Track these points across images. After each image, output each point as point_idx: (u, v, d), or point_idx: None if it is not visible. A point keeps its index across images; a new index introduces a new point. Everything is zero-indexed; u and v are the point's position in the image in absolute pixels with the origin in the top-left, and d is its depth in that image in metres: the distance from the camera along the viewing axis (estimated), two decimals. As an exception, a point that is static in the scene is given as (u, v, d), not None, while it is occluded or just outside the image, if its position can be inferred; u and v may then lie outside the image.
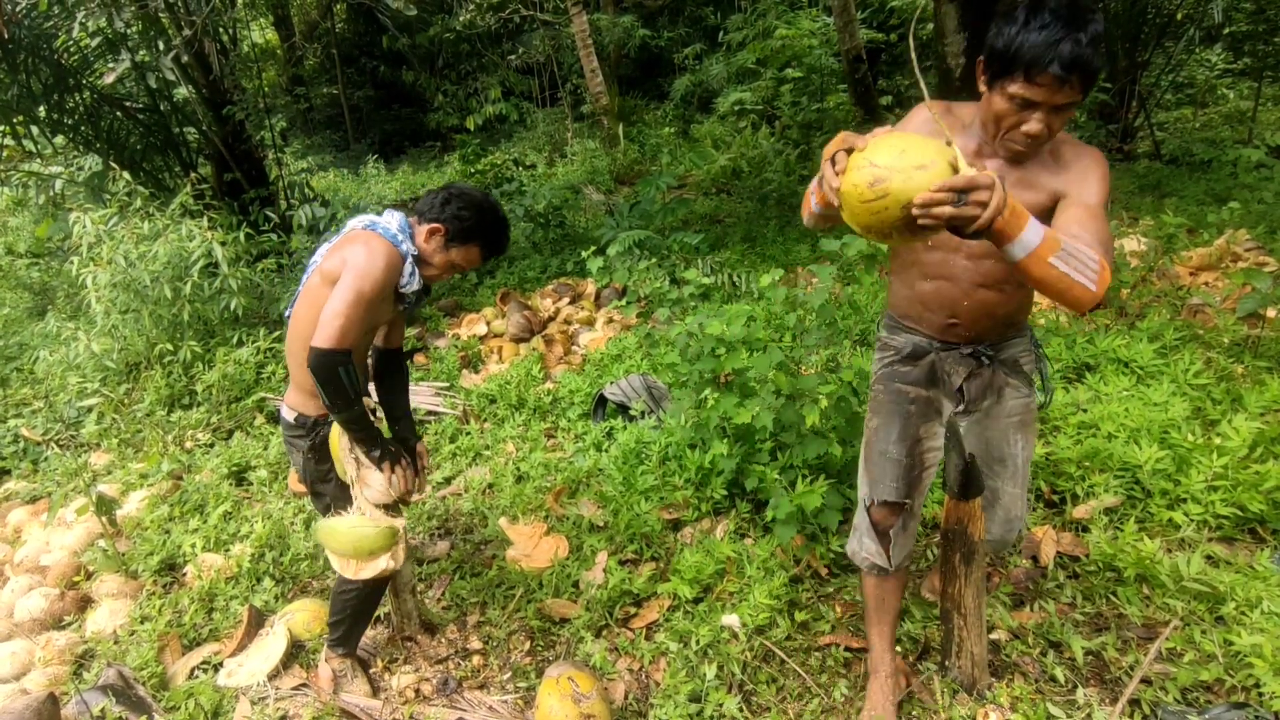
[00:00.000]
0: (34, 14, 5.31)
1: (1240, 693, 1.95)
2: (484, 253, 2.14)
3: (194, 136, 6.87)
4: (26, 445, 4.54)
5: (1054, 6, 1.45)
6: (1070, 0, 1.45)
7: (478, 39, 12.22)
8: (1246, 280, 3.43)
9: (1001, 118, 1.55)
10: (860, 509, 1.97)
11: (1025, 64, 1.45)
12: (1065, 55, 1.42)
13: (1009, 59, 1.48)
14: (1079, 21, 1.44)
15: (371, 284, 1.93)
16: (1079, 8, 1.45)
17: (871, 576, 1.98)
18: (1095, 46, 1.44)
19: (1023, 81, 1.47)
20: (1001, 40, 1.49)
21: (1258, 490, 2.50)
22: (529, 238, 7.23)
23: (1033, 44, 1.44)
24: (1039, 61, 1.44)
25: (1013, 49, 1.47)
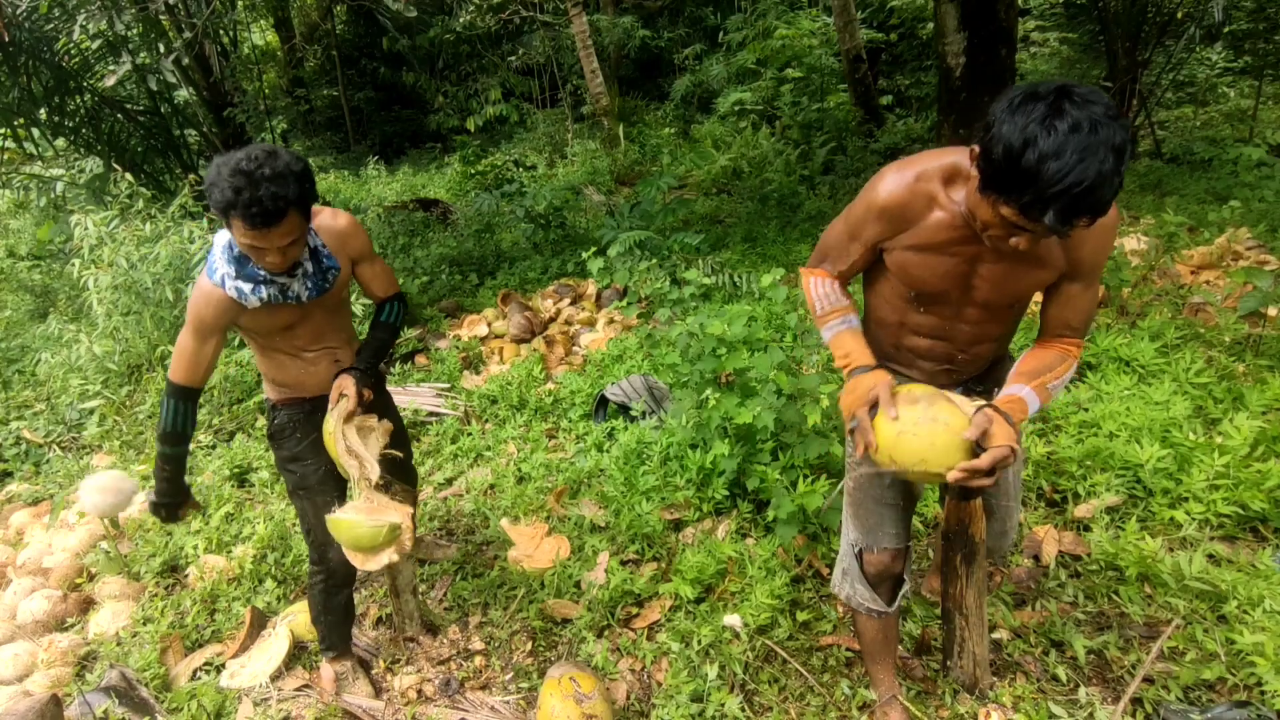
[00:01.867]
0: (35, 17, 5.32)
1: (1242, 691, 1.95)
2: (245, 222, 1.71)
3: (195, 138, 6.88)
4: (29, 447, 4.55)
5: (1071, 125, 1.17)
6: (1093, 121, 1.17)
7: (478, 40, 12.23)
8: (1247, 279, 3.43)
9: (988, 225, 1.35)
10: (848, 554, 1.88)
11: (1023, 198, 1.23)
12: (1070, 204, 1.19)
13: (1005, 181, 1.24)
14: (1098, 153, 1.17)
15: (191, 320, 1.92)
16: (1101, 129, 1.17)
17: (871, 619, 1.90)
18: (1114, 187, 1.20)
19: (1016, 211, 1.26)
20: (1000, 149, 1.23)
21: (1259, 489, 2.50)
22: (530, 238, 7.23)
23: (1036, 175, 1.19)
24: (1037, 204, 1.22)
25: (1012, 172, 1.22)
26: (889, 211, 1.53)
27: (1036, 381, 1.56)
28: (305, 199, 1.79)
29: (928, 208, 1.49)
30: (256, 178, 1.69)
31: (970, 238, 1.47)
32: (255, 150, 1.74)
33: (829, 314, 1.71)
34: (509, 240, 7.62)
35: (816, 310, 1.72)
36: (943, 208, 1.48)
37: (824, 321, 1.71)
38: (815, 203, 7.17)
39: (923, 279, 1.58)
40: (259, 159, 1.71)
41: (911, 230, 1.52)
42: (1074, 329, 1.60)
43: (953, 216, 1.47)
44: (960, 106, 6.35)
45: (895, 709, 1.99)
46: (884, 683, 2.00)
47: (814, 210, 6.93)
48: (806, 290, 1.76)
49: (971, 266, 1.53)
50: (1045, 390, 1.55)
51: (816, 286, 1.74)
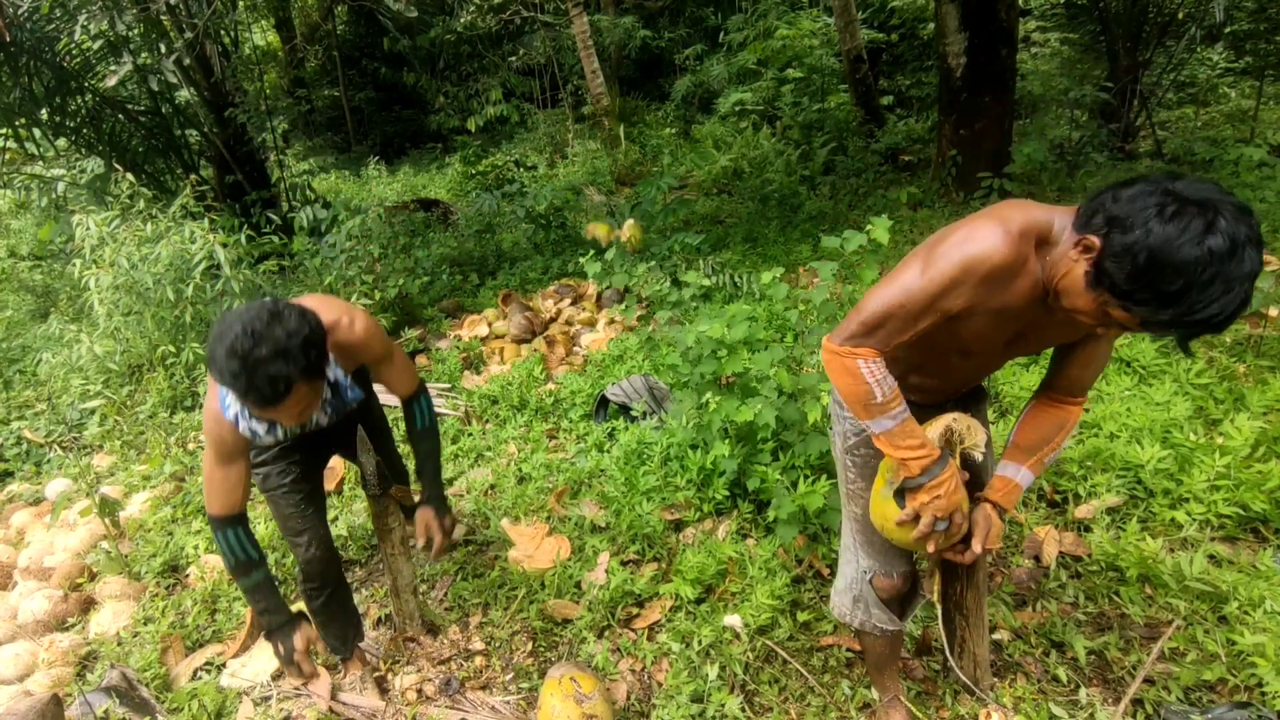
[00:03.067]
0: (36, 17, 5.33)
1: (1243, 692, 1.95)
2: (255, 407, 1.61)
3: (196, 139, 6.88)
4: (30, 447, 4.55)
5: (1228, 251, 1.10)
6: (1244, 251, 1.10)
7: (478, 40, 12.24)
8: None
9: (1080, 312, 1.27)
10: (858, 581, 1.82)
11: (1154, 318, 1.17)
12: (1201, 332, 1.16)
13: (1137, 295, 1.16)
14: (1240, 286, 1.12)
15: (210, 446, 1.83)
16: (1245, 265, 1.11)
17: (883, 638, 1.88)
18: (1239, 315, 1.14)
19: (1135, 321, 1.20)
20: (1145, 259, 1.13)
21: (1260, 489, 2.50)
22: (530, 239, 7.24)
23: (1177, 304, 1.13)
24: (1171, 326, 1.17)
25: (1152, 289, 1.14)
26: (990, 275, 1.31)
27: (1033, 460, 1.59)
28: (313, 369, 1.62)
29: (1021, 273, 1.33)
30: (253, 361, 1.51)
31: (1036, 303, 1.36)
32: (253, 321, 1.53)
33: (890, 400, 1.46)
34: (509, 240, 7.62)
35: (876, 398, 1.45)
36: (1029, 274, 1.33)
37: (885, 409, 1.46)
38: (816, 203, 7.17)
39: (981, 339, 1.46)
40: (256, 334, 1.52)
41: (1003, 295, 1.35)
42: (1085, 388, 1.56)
43: (1035, 285, 1.33)
44: (961, 106, 6.35)
45: (898, 709, 1.98)
46: (887, 685, 2.01)
47: (814, 210, 6.92)
48: (850, 374, 1.46)
49: (1024, 330, 1.45)
50: (1041, 465, 1.59)
51: (869, 370, 1.44)
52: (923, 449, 1.47)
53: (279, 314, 1.57)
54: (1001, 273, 1.32)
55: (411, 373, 2.11)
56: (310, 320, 1.62)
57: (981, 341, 1.48)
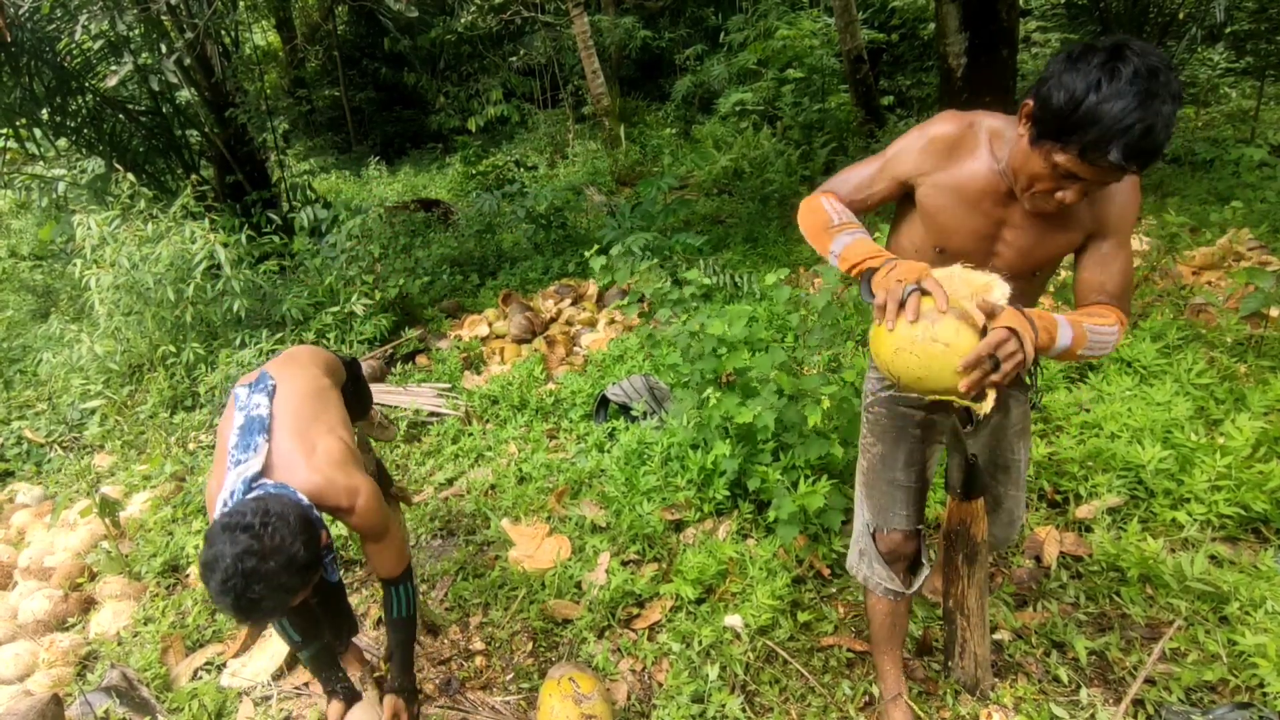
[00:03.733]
0: (36, 17, 5.33)
1: (1244, 693, 1.95)
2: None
3: (196, 139, 6.89)
4: (30, 447, 4.56)
5: (1132, 73, 1.20)
6: (1151, 68, 1.21)
7: (479, 41, 12.24)
8: (1249, 279, 3.42)
9: (1034, 179, 1.37)
10: (863, 535, 1.88)
11: (1084, 141, 1.24)
12: (1133, 142, 1.22)
13: (1065, 125, 1.26)
14: (1157, 97, 1.20)
15: None
16: (1159, 77, 1.21)
17: (885, 600, 1.90)
18: (1170, 131, 1.23)
19: (1074, 157, 1.28)
20: (1062, 95, 1.25)
21: (1261, 490, 2.49)
22: (531, 239, 7.24)
23: (1099, 117, 1.22)
24: (1100, 144, 1.23)
25: (1073, 116, 1.24)
26: (938, 143, 1.52)
27: (1073, 316, 1.44)
28: (306, 586, 1.59)
29: (972, 153, 1.50)
30: (247, 602, 1.48)
31: (1001, 200, 1.48)
32: (243, 556, 1.46)
33: (846, 225, 1.56)
34: (510, 240, 7.63)
35: (832, 221, 1.56)
36: (984, 160, 1.49)
37: (840, 230, 1.55)
38: (816, 203, 7.16)
39: (950, 230, 1.56)
40: (248, 574, 1.46)
41: (952, 170, 1.51)
42: (1111, 294, 1.52)
43: (990, 172, 1.48)
44: (961, 107, 6.32)
45: (900, 708, 1.98)
46: (890, 676, 2.00)
47: (815, 211, 6.91)
48: (815, 208, 1.60)
49: (997, 229, 1.53)
50: (1081, 329, 1.42)
51: (830, 203, 1.61)
52: (875, 256, 1.48)
53: (273, 542, 1.50)
54: (944, 142, 1.52)
55: (402, 556, 1.96)
56: (304, 536, 1.56)
57: (953, 235, 1.55)
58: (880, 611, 1.93)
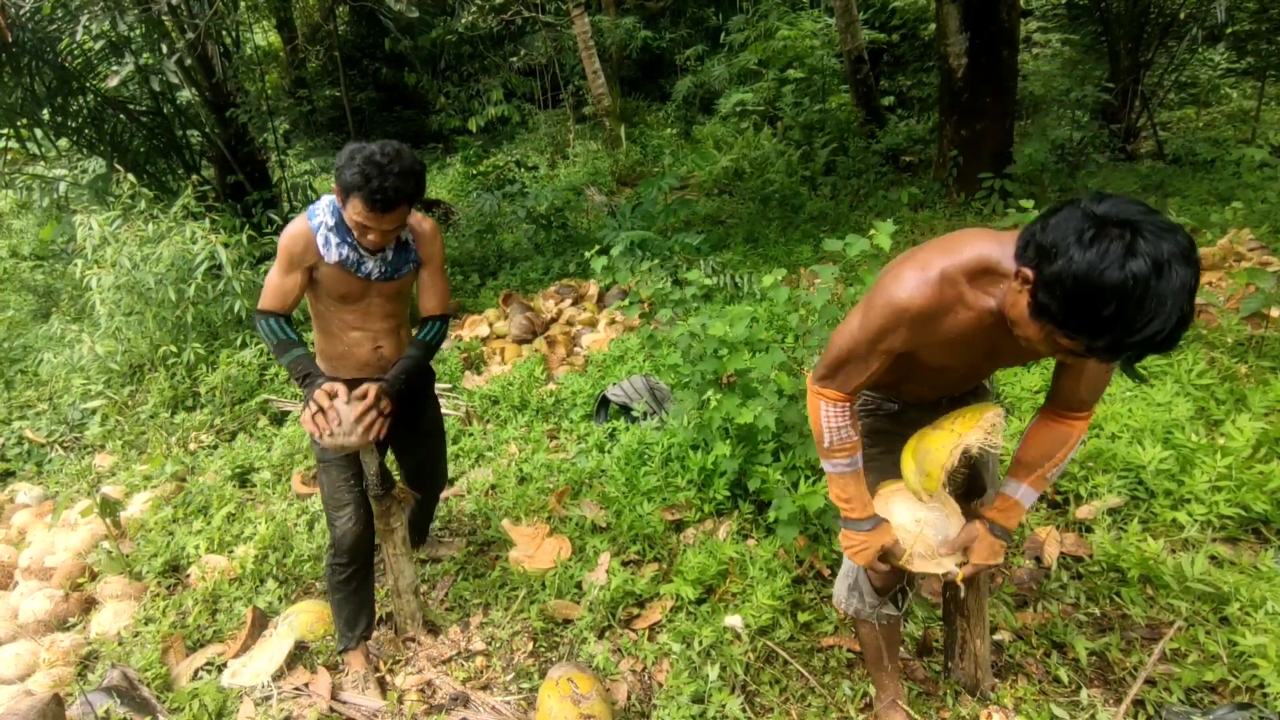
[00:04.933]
0: (37, 17, 5.33)
1: (1244, 693, 1.95)
2: (365, 204, 1.95)
3: (197, 139, 6.88)
4: (31, 447, 4.56)
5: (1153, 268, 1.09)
6: (1170, 265, 1.09)
7: (480, 41, 12.23)
8: (1250, 280, 3.42)
9: (1033, 340, 1.28)
10: (853, 569, 1.85)
11: (1092, 345, 1.17)
12: (1144, 351, 1.17)
13: (1072, 322, 1.16)
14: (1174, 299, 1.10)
15: (280, 255, 2.13)
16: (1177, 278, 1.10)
17: (879, 627, 1.88)
18: (1183, 328, 1.15)
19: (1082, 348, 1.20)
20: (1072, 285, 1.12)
21: (1262, 490, 2.49)
22: (531, 239, 7.24)
23: (1110, 329, 1.13)
24: (1111, 350, 1.17)
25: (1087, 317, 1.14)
26: (916, 319, 1.39)
27: (1035, 475, 1.59)
28: (417, 195, 2.04)
29: (954, 310, 1.38)
30: (386, 170, 1.93)
31: (994, 327, 1.37)
32: (387, 146, 1.97)
33: (837, 449, 1.60)
34: (510, 241, 7.63)
35: (824, 443, 1.60)
36: (970, 308, 1.37)
37: (830, 455, 1.61)
38: (817, 203, 7.17)
39: (946, 361, 1.53)
40: (390, 155, 1.95)
41: (939, 331, 1.42)
42: (1085, 403, 1.54)
43: (980, 315, 1.37)
44: (962, 107, 6.35)
45: (896, 712, 1.98)
46: (888, 687, 2.00)
47: (815, 211, 6.92)
48: (814, 412, 1.60)
49: (994, 347, 1.47)
50: (1043, 481, 1.59)
51: (827, 415, 1.58)
52: (847, 504, 1.64)
53: (401, 150, 1.99)
54: (925, 316, 1.38)
55: (447, 298, 2.37)
56: (423, 163, 2.06)
57: (952, 361, 1.54)
58: (873, 637, 1.92)
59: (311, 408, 2.07)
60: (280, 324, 2.14)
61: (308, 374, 2.13)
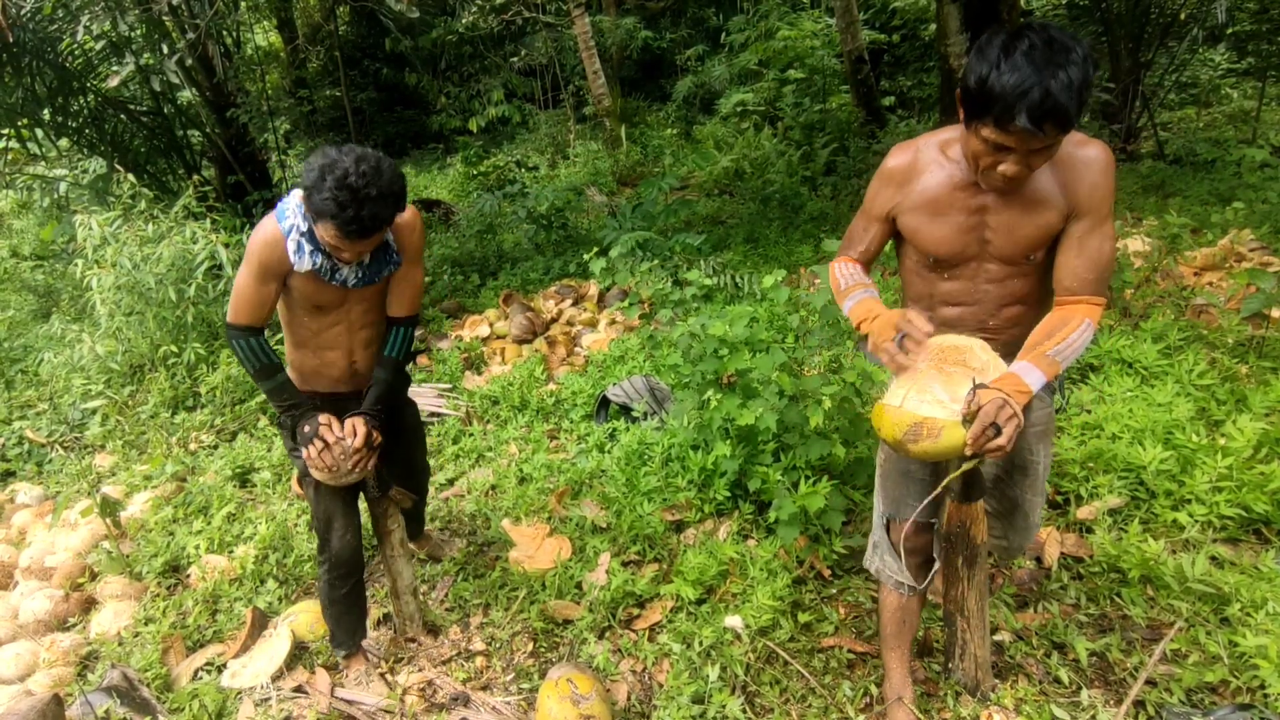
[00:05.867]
0: (38, 17, 5.33)
1: (1245, 694, 1.95)
2: (339, 232, 1.76)
3: (198, 139, 6.89)
4: (31, 447, 4.56)
5: (1028, 47, 1.35)
6: (1047, 40, 1.36)
7: (480, 41, 12.23)
8: (1251, 280, 3.42)
9: (978, 156, 1.49)
10: (878, 526, 1.93)
11: (994, 112, 1.38)
12: (1034, 106, 1.34)
13: (979, 101, 1.41)
14: (1052, 66, 1.34)
15: (250, 261, 1.94)
16: (1055, 49, 1.35)
17: (896, 594, 1.92)
18: (1071, 94, 1.34)
19: (993, 128, 1.41)
20: (973, 78, 1.41)
21: (1262, 491, 2.49)
22: (532, 239, 7.24)
23: (1001, 90, 1.36)
24: (1007, 112, 1.36)
25: (982, 91, 1.39)
26: (893, 174, 1.67)
27: (1035, 352, 1.54)
28: (400, 211, 1.88)
29: (928, 168, 1.63)
30: (362, 197, 1.73)
31: (972, 190, 1.58)
32: (362, 162, 1.75)
33: (852, 287, 1.77)
34: (511, 241, 7.63)
35: (840, 286, 1.79)
36: (942, 166, 1.62)
37: (847, 294, 1.77)
38: (817, 204, 7.17)
39: (936, 239, 1.65)
40: (367, 176, 1.73)
41: (916, 189, 1.64)
42: (1085, 281, 1.56)
43: (951, 173, 1.61)
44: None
45: (902, 713, 1.98)
46: (896, 676, 2.01)
47: (816, 211, 6.92)
48: (831, 275, 1.83)
49: (980, 218, 1.60)
50: (1046, 359, 1.53)
51: (840, 268, 1.82)
52: (869, 313, 1.70)
53: (381, 161, 1.80)
54: (900, 170, 1.67)
55: (418, 298, 2.21)
56: (402, 176, 1.87)
57: (940, 243, 1.65)
58: (890, 606, 1.95)
59: (317, 445, 2.02)
60: (258, 344, 2.00)
61: (293, 405, 2.06)
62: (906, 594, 1.91)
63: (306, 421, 2.04)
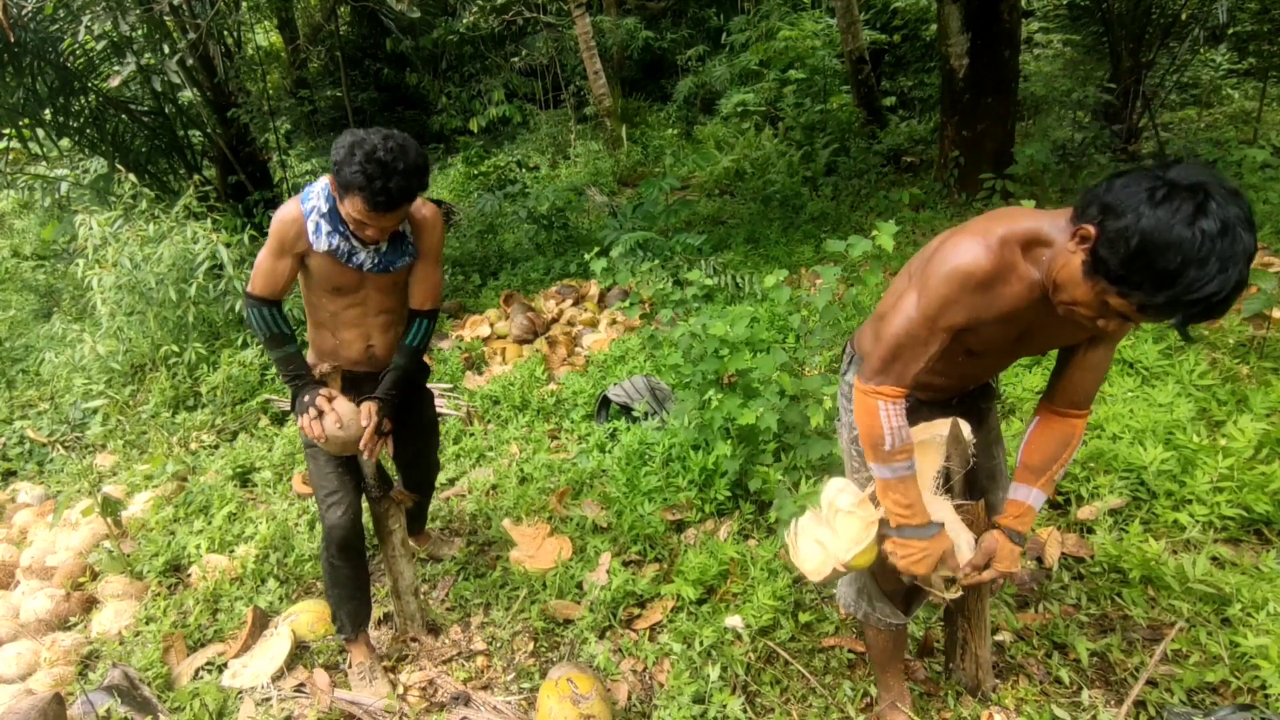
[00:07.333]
0: (40, 18, 5.33)
1: (1246, 694, 1.95)
2: (366, 204, 1.85)
3: (199, 139, 6.89)
4: (32, 446, 4.56)
5: (1218, 230, 1.12)
6: (1235, 231, 1.13)
7: (481, 41, 12.23)
8: (1252, 281, 3.42)
9: (1079, 304, 1.28)
10: (862, 574, 1.82)
11: (1149, 301, 1.18)
12: (1201, 314, 1.17)
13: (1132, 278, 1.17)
14: (1235, 265, 1.13)
15: (271, 237, 2.04)
16: (1240, 243, 1.13)
17: (886, 633, 1.89)
18: (1238, 295, 1.16)
19: (1133, 308, 1.21)
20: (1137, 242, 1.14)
21: (1263, 491, 2.49)
22: (532, 239, 7.24)
23: (1171, 285, 1.14)
24: (1168, 309, 1.17)
25: (1147, 271, 1.15)
26: (979, 286, 1.36)
27: (1044, 479, 1.60)
28: (422, 190, 1.95)
29: (1007, 280, 1.37)
30: (390, 169, 1.82)
31: (1036, 306, 1.38)
32: (390, 141, 1.84)
33: (899, 452, 1.50)
34: (511, 241, 7.63)
35: (885, 445, 1.49)
36: (1021, 278, 1.37)
37: (891, 459, 1.50)
38: (818, 204, 7.17)
39: (982, 344, 1.51)
40: (394, 151, 1.82)
41: (995, 303, 1.39)
42: (1090, 395, 1.57)
43: (1028, 287, 1.37)
44: (963, 108, 6.35)
45: (898, 715, 1.98)
46: (893, 688, 2.00)
47: (817, 211, 6.92)
48: (870, 416, 1.50)
49: (1028, 331, 1.49)
50: (1051, 483, 1.60)
51: (887, 414, 1.49)
52: (909, 511, 1.53)
53: (406, 140, 1.88)
54: (989, 281, 1.36)
55: (438, 292, 2.26)
56: (426, 155, 1.93)
57: (988, 343, 1.54)
58: (882, 641, 1.92)
59: (311, 413, 2.06)
60: (273, 314, 2.09)
61: (298, 375, 2.10)
62: (895, 629, 1.88)
63: (306, 392, 2.10)
